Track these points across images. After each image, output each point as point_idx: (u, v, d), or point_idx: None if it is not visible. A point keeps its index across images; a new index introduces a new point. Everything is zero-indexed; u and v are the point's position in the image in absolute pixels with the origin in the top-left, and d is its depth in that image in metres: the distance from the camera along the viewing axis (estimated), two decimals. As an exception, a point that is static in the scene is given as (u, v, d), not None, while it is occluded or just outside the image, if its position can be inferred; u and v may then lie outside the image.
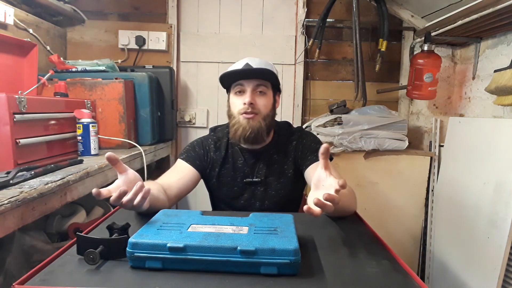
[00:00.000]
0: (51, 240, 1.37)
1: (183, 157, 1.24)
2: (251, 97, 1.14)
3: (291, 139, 1.27)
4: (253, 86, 1.16)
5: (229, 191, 1.25)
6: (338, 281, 0.63)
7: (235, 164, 1.25)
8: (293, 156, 1.25)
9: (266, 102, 1.18)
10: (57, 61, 1.75)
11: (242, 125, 1.15)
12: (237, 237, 0.68)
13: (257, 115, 1.16)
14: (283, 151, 1.25)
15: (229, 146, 1.26)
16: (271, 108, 1.20)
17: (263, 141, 1.21)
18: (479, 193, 1.61)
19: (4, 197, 0.83)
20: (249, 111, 1.14)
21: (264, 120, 1.17)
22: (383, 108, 2.08)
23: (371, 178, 2.00)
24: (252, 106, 1.14)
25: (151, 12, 2.30)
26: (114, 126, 1.66)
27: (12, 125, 1.08)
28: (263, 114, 1.17)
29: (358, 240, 0.84)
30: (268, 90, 1.19)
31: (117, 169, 0.84)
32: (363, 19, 2.16)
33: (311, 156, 1.22)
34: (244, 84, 1.16)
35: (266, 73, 1.16)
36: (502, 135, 1.54)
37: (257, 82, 1.16)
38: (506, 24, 1.52)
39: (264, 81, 1.17)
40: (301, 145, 1.26)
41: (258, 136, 1.16)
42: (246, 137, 1.15)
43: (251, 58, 1.21)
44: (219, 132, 1.31)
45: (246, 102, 1.14)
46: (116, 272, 0.64)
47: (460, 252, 1.72)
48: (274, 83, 1.21)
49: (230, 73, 1.17)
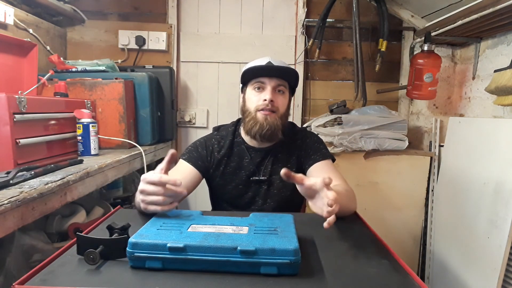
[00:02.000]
0: (51, 240, 1.37)
1: (185, 158, 1.23)
2: (272, 95, 1.15)
3: (295, 138, 1.28)
4: (274, 85, 1.17)
5: (234, 189, 1.25)
6: (338, 281, 0.63)
7: (240, 162, 1.25)
8: (297, 155, 1.26)
9: (284, 101, 1.20)
10: (57, 61, 1.75)
11: (259, 122, 1.16)
12: (237, 237, 0.68)
13: (274, 113, 1.17)
14: (287, 150, 1.26)
15: (234, 145, 1.26)
16: (286, 108, 1.22)
17: (277, 139, 1.22)
18: (479, 193, 1.61)
19: (4, 197, 0.83)
20: (268, 107, 1.15)
21: (281, 119, 1.18)
22: (383, 108, 2.08)
23: (371, 178, 2.00)
24: (272, 104, 1.16)
25: (151, 12, 2.30)
26: (114, 126, 1.66)
27: (12, 125, 1.08)
28: (281, 113, 1.18)
29: (358, 240, 0.84)
30: (286, 90, 1.21)
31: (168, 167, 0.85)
32: (363, 19, 2.16)
33: (314, 155, 1.23)
34: (265, 82, 1.17)
35: (289, 72, 1.18)
36: (502, 135, 1.54)
37: (278, 81, 1.17)
38: (506, 24, 1.52)
39: (284, 81, 1.19)
40: (304, 144, 1.27)
41: (274, 134, 1.17)
42: (263, 133, 1.16)
43: (272, 58, 1.22)
44: (223, 131, 1.31)
45: (266, 99, 1.15)
46: (116, 272, 0.64)
47: (460, 252, 1.72)
48: (291, 85, 1.23)
49: (255, 68, 1.18)
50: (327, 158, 1.23)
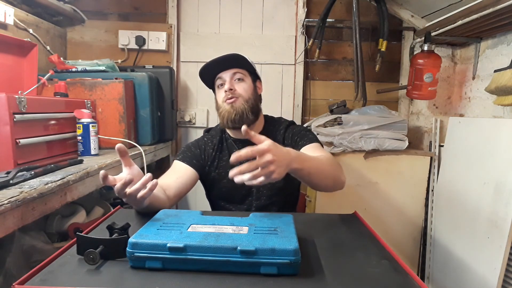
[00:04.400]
0: (51, 240, 1.37)
1: (179, 158, 1.27)
2: (230, 84, 1.23)
3: (279, 128, 1.33)
4: (231, 75, 1.24)
5: (229, 182, 1.26)
6: (338, 281, 0.63)
7: (230, 155, 1.25)
8: (283, 144, 1.27)
9: (245, 87, 1.25)
10: (57, 61, 1.75)
11: (227, 110, 1.22)
12: (237, 237, 0.68)
13: (238, 98, 1.23)
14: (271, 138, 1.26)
15: (223, 140, 1.32)
16: (252, 92, 1.27)
17: (249, 121, 1.23)
18: (479, 193, 1.60)
19: (4, 197, 0.83)
20: (229, 96, 1.22)
21: (247, 102, 1.23)
22: (383, 108, 2.08)
23: (371, 178, 2.00)
24: (232, 92, 1.22)
25: (151, 12, 2.30)
26: (114, 126, 1.65)
27: (12, 125, 1.08)
28: (245, 98, 1.24)
29: (358, 240, 0.84)
30: (246, 77, 1.26)
31: (124, 161, 0.86)
32: (363, 19, 2.16)
33: (301, 141, 1.26)
34: (222, 76, 1.25)
35: (235, 58, 1.22)
36: (502, 135, 1.53)
37: (233, 70, 1.24)
38: (506, 24, 1.52)
39: (240, 69, 1.25)
40: (290, 133, 1.30)
41: (243, 116, 1.21)
42: (232, 119, 1.21)
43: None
44: (213, 131, 1.37)
45: (226, 89, 1.22)
46: (116, 272, 0.64)
47: (460, 252, 1.72)
48: (250, 70, 1.28)
49: (205, 67, 1.26)
50: (314, 141, 1.25)
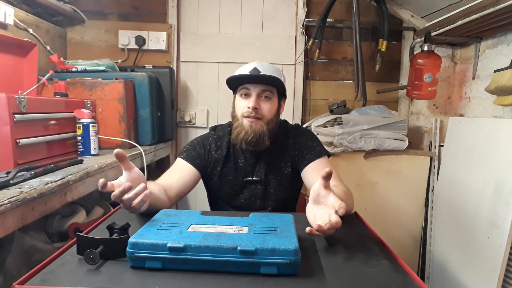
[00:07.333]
0: (51, 240, 1.37)
1: (183, 156, 1.23)
2: (256, 102, 1.15)
3: (287, 136, 1.28)
4: (259, 91, 1.17)
5: (230, 189, 1.26)
6: (338, 281, 0.63)
7: (236, 163, 1.25)
8: (290, 155, 1.25)
9: (270, 107, 1.19)
10: (57, 61, 1.75)
11: (244, 129, 1.16)
12: (237, 237, 0.68)
13: (260, 119, 1.17)
14: (280, 149, 1.26)
15: (230, 145, 1.26)
16: (275, 114, 1.21)
17: (264, 146, 1.20)
18: (479, 193, 1.60)
19: (4, 197, 0.83)
20: (252, 115, 1.16)
21: (267, 124, 1.18)
22: (383, 108, 2.08)
23: (371, 178, 2.00)
24: (256, 111, 1.16)
25: (151, 12, 2.30)
26: (114, 126, 1.65)
27: (12, 125, 1.08)
28: (267, 119, 1.18)
29: (358, 240, 0.84)
30: (273, 96, 1.20)
31: (124, 166, 0.85)
32: (363, 19, 2.16)
33: (308, 155, 1.22)
34: (250, 88, 1.17)
35: (272, 80, 1.16)
36: (502, 135, 1.53)
37: (263, 87, 1.17)
38: (506, 24, 1.52)
39: (270, 86, 1.18)
40: (298, 144, 1.26)
41: (260, 141, 1.17)
42: (248, 141, 1.16)
43: (260, 63, 1.21)
44: (220, 130, 1.31)
45: (250, 106, 1.15)
46: (116, 272, 0.64)
47: (460, 252, 1.72)
48: (280, 89, 1.22)
49: (236, 77, 1.18)
50: (321, 155, 1.22)
